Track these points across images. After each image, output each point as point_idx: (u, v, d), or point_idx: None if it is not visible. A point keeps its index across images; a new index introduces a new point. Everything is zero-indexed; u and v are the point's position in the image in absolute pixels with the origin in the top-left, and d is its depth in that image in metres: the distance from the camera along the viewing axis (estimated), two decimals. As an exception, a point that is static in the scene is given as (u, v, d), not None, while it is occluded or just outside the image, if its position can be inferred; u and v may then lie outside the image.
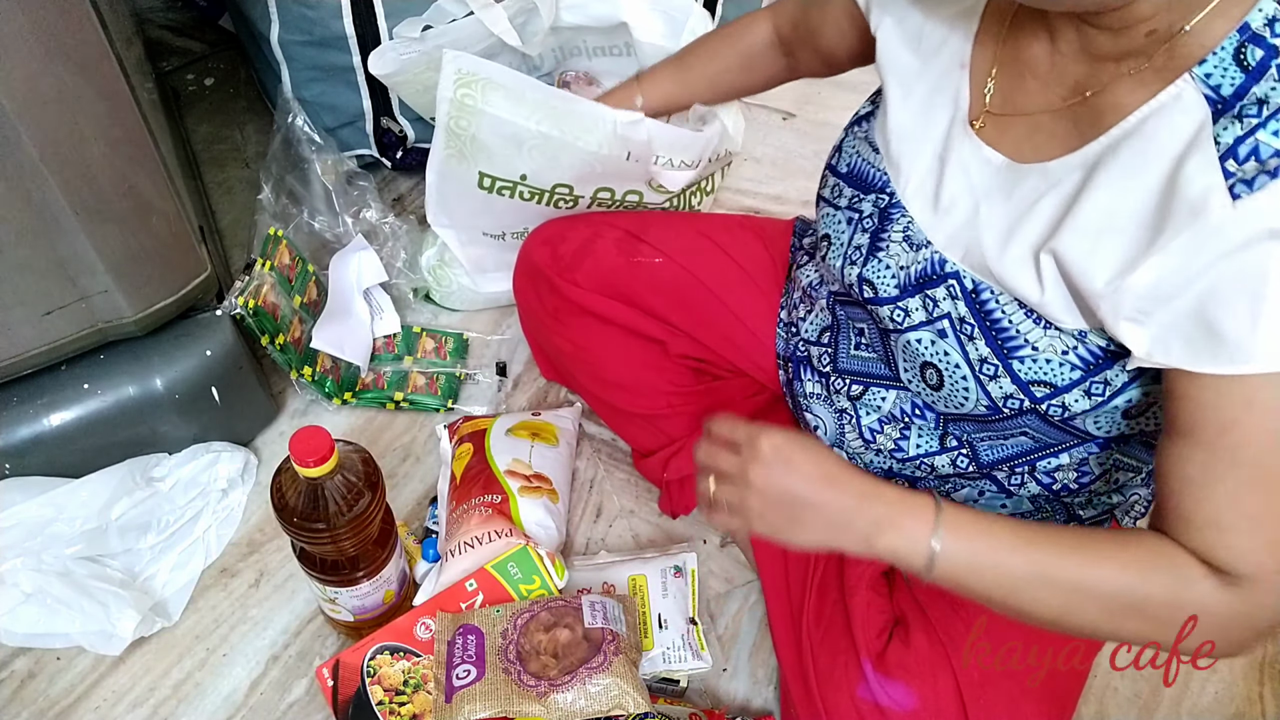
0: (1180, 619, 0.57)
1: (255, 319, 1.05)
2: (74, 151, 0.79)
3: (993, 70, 0.67)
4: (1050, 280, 0.61)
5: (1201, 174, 0.52)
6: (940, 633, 0.78)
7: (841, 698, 0.79)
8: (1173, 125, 0.55)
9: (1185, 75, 0.55)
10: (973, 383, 0.68)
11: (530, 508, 0.97)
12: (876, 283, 0.73)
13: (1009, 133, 0.66)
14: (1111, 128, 0.58)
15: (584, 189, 1.13)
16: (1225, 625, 0.56)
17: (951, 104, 0.69)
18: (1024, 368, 0.65)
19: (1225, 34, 0.53)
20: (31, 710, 0.91)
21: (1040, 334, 0.63)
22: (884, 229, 0.73)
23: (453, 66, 1.00)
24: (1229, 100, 0.53)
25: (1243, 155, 0.51)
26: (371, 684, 0.84)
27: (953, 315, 0.68)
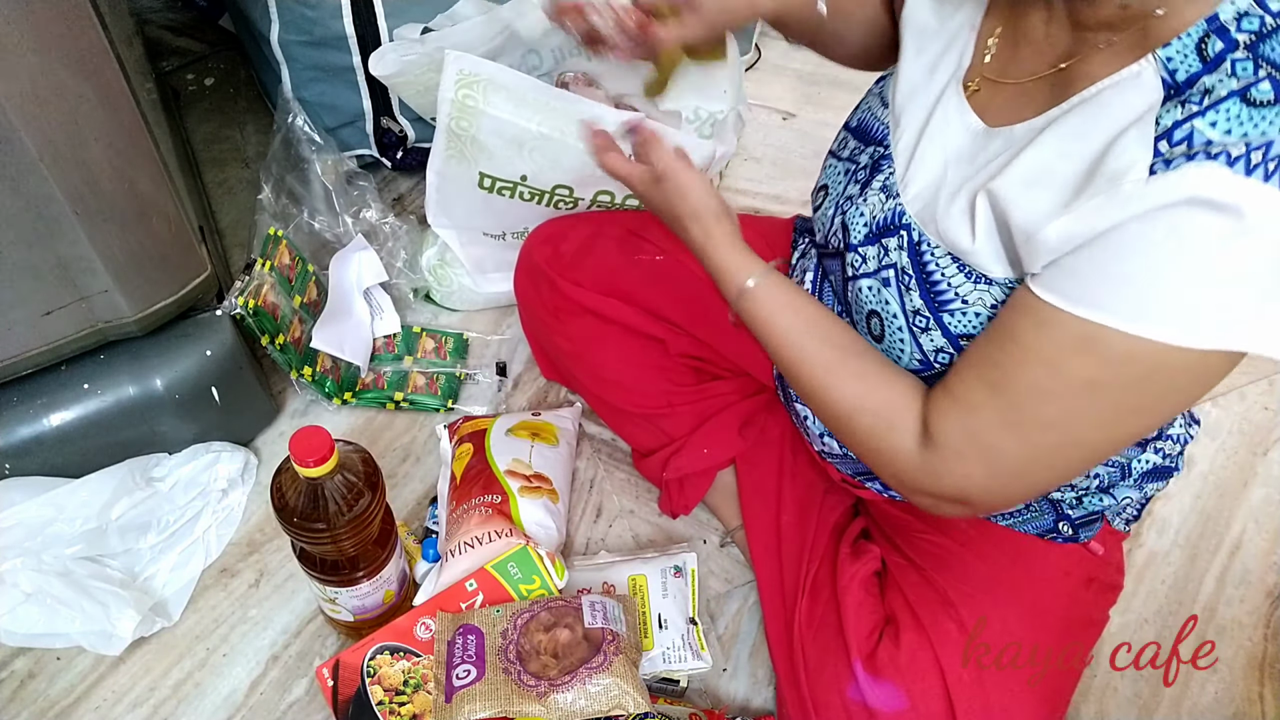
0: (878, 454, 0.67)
1: (255, 319, 1.05)
2: (74, 151, 0.79)
3: (995, 32, 0.68)
4: (982, 224, 0.62)
5: (1133, 148, 0.53)
6: (930, 633, 0.78)
7: (832, 698, 0.79)
8: (1126, 101, 0.56)
9: (1149, 55, 0.55)
10: (907, 334, 0.69)
11: (530, 508, 0.97)
12: (850, 228, 0.75)
13: (996, 98, 0.67)
14: (1074, 94, 0.59)
15: (584, 191, 1.13)
16: (904, 466, 0.65)
17: (955, 63, 0.71)
18: (954, 320, 0.66)
19: (1195, 20, 0.54)
20: (31, 710, 0.91)
21: (970, 287, 0.64)
22: (871, 180, 0.75)
23: (454, 67, 1.00)
24: (1180, 87, 0.53)
25: (1176, 138, 0.52)
26: (371, 684, 0.84)
27: (897, 265, 0.69)
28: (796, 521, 0.94)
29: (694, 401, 1.01)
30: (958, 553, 0.83)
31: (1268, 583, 1.12)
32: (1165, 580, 1.11)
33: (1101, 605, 0.84)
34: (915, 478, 0.64)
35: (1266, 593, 1.11)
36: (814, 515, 0.94)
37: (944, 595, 0.80)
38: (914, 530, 0.87)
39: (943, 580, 0.81)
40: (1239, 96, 0.51)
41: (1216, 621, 1.08)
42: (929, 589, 0.81)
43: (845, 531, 0.93)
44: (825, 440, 0.86)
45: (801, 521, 0.94)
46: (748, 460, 1.01)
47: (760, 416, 1.02)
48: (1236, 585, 1.11)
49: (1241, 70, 0.51)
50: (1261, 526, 1.17)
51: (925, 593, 0.81)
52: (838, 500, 0.96)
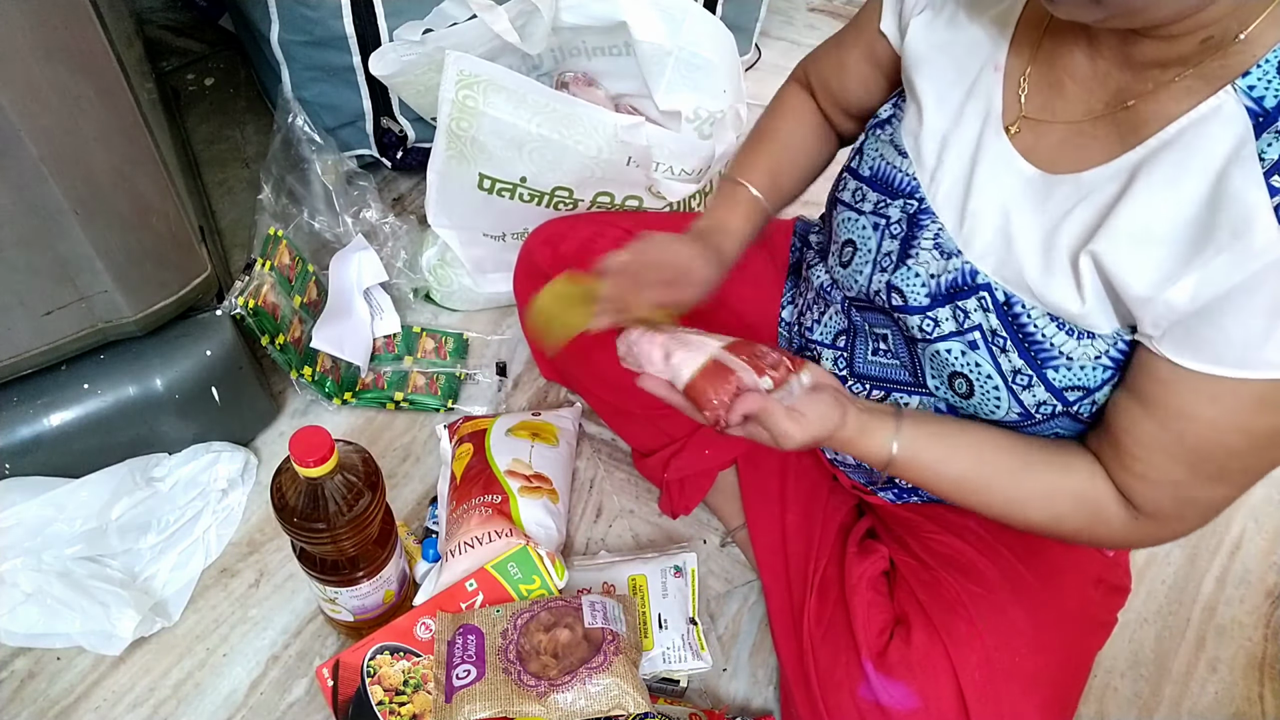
0: (1095, 538, 0.69)
1: (255, 319, 1.05)
2: (74, 151, 0.79)
3: (1026, 71, 0.66)
4: (1090, 288, 0.61)
5: (1246, 191, 0.52)
6: (941, 633, 0.78)
7: (843, 697, 0.79)
8: (1212, 136, 0.54)
9: (1228, 86, 0.54)
10: (1005, 393, 0.68)
11: (530, 508, 0.97)
12: (906, 291, 0.72)
13: (1044, 139, 0.65)
14: (1150, 137, 0.58)
15: (584, 192, 1.13)
16: (1126, 539, 0.67)
17: (984, 108, 0.68)
18: (1058, 376, 0.65)
19: (1273, 44, 0.53)
20: (31, 710, 0.91)
21: (1074, 345, 0.63)
22: (914, 235, 0.72)
23: (455, 68, 1.00)
24: (1271, 113, 0.52)
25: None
26: (371, 684, 0.84)
27: (984, 327, 0.67)
28: (801, 520, 0.94)
29: (694, 401, 1.01)
30: (968, 553, 0.82)
31: (1268, 583, 1.12)
32: (1165, 580, 1.11)
33: (1109, 607, 0.84)
34: (1134, 542, 0.67)
35: (1266, 593, 1.11)
36: (819, 514, 0.94)
37: (955, 595, 0.80)
38: (923, 530, 0.87)
39: (953, 580, 0.81)
40: None
41: (1216, 621, 1.08)
42: (939, 588, 0.81)
43: (851, 530, 0.92)
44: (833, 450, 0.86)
45: (807, 520, 0.94)
46: (750, 460, 1.01)
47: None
48: (1236, 585, 1.11)
49: None
50: (1261, 526, 1.17)
51: (936, 592, 0.81)
52: (843, 499, 0.96)
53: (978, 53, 0.69)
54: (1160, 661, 1.03)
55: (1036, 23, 0.66)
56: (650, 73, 1.17)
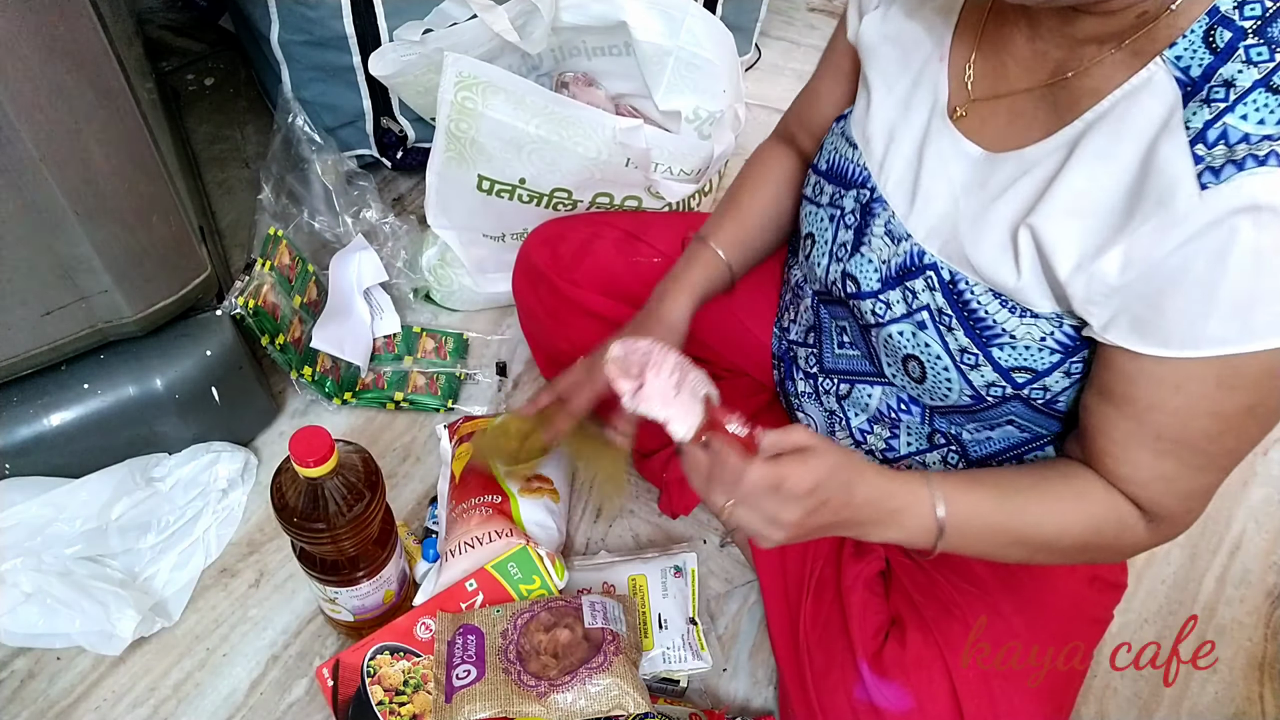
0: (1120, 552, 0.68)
1: (255, 319, 1.05)
2: (74, 151, 0.79)
3: (971, 57, 0.67)
4: (1027, 261, 0.61)
5: (1173, 159, 0.53)
6: (936, 633, 0.78)
7: (838, 698, 0.79)
8: (1144, 108, 0.55)
9: (1157, 58, 0.55)
10: (954, 373, 0.69)
11: (530, 508, 0.97)
12: (859, 277, 0.74)
13: (990, 121, 0.66)
14: (1086, 111, 0.59)
15: (583, 194, 1.13)
16: (1150, 544, 0.67)
17: (930, 96, 0.70)
18: (1004, 355, 0.65)
19: (1198, 15, 0.54)
20: (31, 710, 0.91)
21: (1017, 322, 0.64)
22: (866, 224, 0.74)
23: (454, 69, 1.00)
24: (1197, 82, 0.53)
25: (1211, 139, 0.52)
26: (371, 684, 0.84)
27: (931, 307, 0.68)
28: None
29: (694, 402, 1.01)
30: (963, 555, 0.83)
31: (1268, 583, 1.12)
32: (1165, 580, 1.11)
33: (1105, 604, 0.84)
34: (1155, 545, 0.67)
35: (1266, 593, 1.11)
36: None
37: (948, 595, 0.80)
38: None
39: (947, 580, 0.81)
40: (1263, 86, 0.51)
41: (1216, 621, 1.08)
42: (934, 588, 0.81)
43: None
44: None
45: None
46: (748, 460, 1.01)
47: (761, 417, 1.02)
48: (1236, 585, 1.11)
49: (1257, 55, 0.52)
50: (1261, 526, 1.17)
51: (930, 592, 0.81)
52: None
53: (924, 43, 0.71)
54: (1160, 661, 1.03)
55: (979, 9, 0.68)
56: (650, 73, 1.17)
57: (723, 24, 1.18)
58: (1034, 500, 0.65)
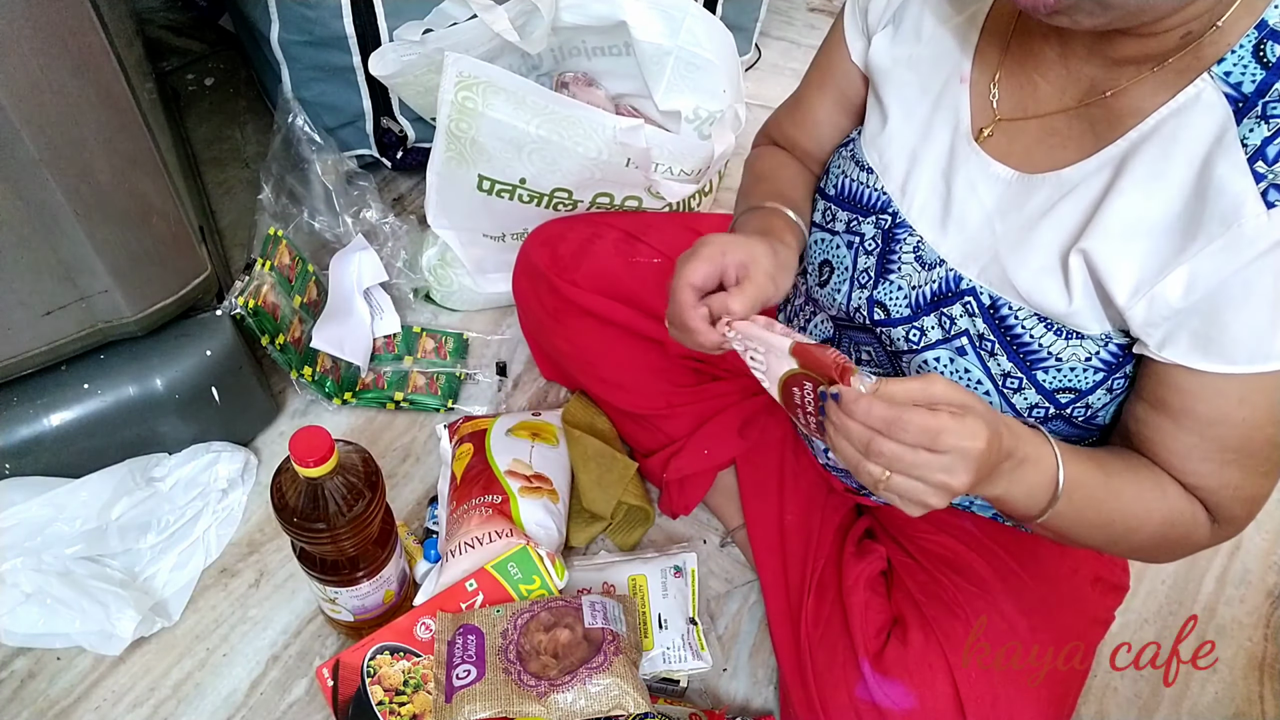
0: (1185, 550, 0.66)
1: (255, 319, 1.05)
2: (74, 151, 0.79)
3: (996, 76, 0.66)
4: (1079, 286, 0.60)
5: (1231, 178, 0.52)
6: (938, 633, 0.78)
7: (839, 697, 0.79)
8: (1194, 125, 0.54)
9: (1204, 74, 0.54)
10: (996, 397, 0.68)
11: (530, 508, 0.97)
12: (889, 304, 0.72)
13: (1019, 141, 0.65)
14: (1130, 130, 0.58)
15: (583, 194, 1.13)
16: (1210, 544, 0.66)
17: (952, 119, 0.68)
18: (1048, 378, 0.65)
19: (1244, 31, 0.53)
20: (31, 710, 0.91)
21: (1063, 345, 0.63)
22: (891, 250, 0.72)
23: (454, 69, 1.00)
24: (1250, 98, 0.53)
25: (1272, 156, 0.51)
26: (371, 684, 0.84)
27: (971, 332, 0.67)
28: (800, 521, 0.94)
29: (693, 402, 1.01)
30: (963, 553, 0.83)
31: (1268, 583, 1.12)
32: (1165, 580, 1.11)
33: (1107, 605, 0.84)
34: (1212, 544, 0.66)
35: (1266, 593, 1.11)
36: (817, 514, 0.94)
37: (950, 595, 0.80)
38: (919, 530, 0.87)
39: (949, 580, 0.81)
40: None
41: (1216, 621, 1.08)
42: (936, 589, 0.81)
43: (849, 531, 0.93)
44: (830, 455, 0.86)
45: (805, 521, 0.94)
46: (748, 461, 1.01)
47: (760, 417, 1.02)
48: (1236, 585, 1.11)
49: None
50: (1261, 526, 1.17)
51: (932, 592, 0.81)
52: (841, 500, 0.96)
53: (942, 65, 0.69)
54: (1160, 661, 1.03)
55: (1002, 28, 0.66)
56: (650, 73, 1.17)
57: (723, 24, 1.18)
58: (1129, 482, 0.62)
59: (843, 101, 0.81)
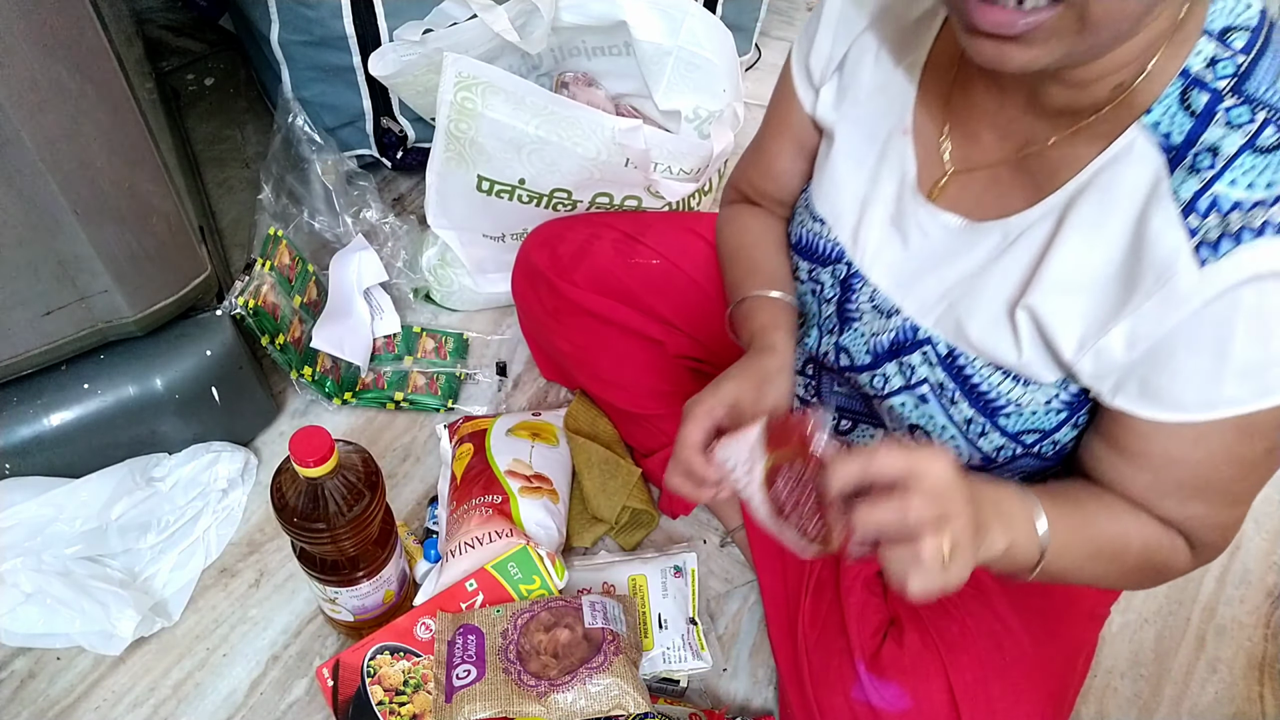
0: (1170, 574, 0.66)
1: (255, 319, 1.05)
2: (74, 151, 0.79)
3: (945, 128, 0.66)
4: (1027, 338, 0.61)
5: (1165, 232, 0.52)
6: (934, 634, 0.78)
7: (836, 698, 0.79)
8: (1128, 177, 0.55)
9: (1135, 125, 0.54)
10: (962, 441, 0.68)
11: (531, 508, 0.97)
12: (852, 351, 0.73)
13: (968, 190, 0.65)
14: (1068, 181, 0.58)
15: (583, 194, 1.13)
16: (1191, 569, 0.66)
17: (898, 170, 0.68)
18: (1010, 422, 0.65)
19: (1172, 76, 0.53)
20: (31, 710, 0.91)
21: (1021, 390, 0.63)
22: (848, 299, 0.73)
23: (453, 70, 1.00)
24: (1180, 148, 0.53)
25: (1203, 209, 0.51)
26: (371, 684, 0.84)
27: (931, 380, 0.67)
28: None
29: (693, 402, 1.01)
30: None
31: (1268, 583, 1.12)
32: (1165, 580, 1.11)
33: (1104, 600, 0.84)
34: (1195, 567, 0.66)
35: (1266, 593, 1.11)
36: None
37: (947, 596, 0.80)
38: None
39: None
40: (1250, 149, 0.50)
41: (1216, 621, 1.08)
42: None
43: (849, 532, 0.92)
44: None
45: None
46: (747, 460, 1.01)
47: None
48: (1236, 585, 1.11)
49: (1238, 118, 0.51)
50: (1261, 526, 1.17)
51: None
52: None
53: (885, 116, 0.69)
54: (1160, 661, 1.03)
55: (941, 78, 0.66)
56: (650, 72, 1.17)
57: (722, 24, 1.18)
58: (1102, 508, 0.62)
59: (802, 150, 0.80)
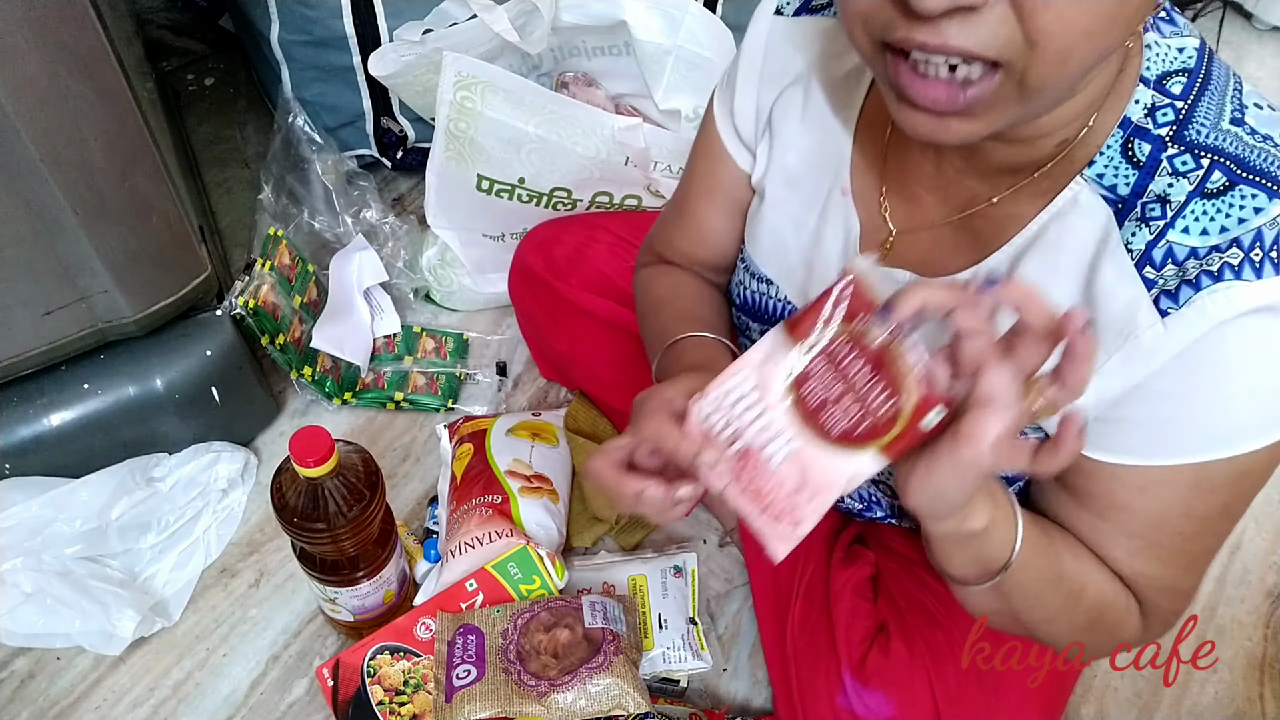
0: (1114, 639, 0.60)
1: (255, 319, 1.05)
2: (74, 151, 0.79)
3: (883, 190, 0.64)
4: None
5: (1119, 285, 0.51)
6: (920, 641, 0.77)
7: (821, 705, 0.78)
8: (1075, 230, 0.53)
9: (1077, 177, 0.53)
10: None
11: (531, 508, 0.97)
12: None
13: (915, 247, 0.63)
14: (1014, 236, 0.56)
15: (582, 193, 1.13)
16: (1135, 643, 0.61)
17: (842, 230, 0.65)
18: None
19: (1111, 127, 0.52)
20: (31, 710, 0.91)
21: None
22: None
23: (453, 69, 1.00)
24: (1128, 200, 0.52)
25: (1159, 260, 0.50)
26: (371, 684, 0.84)
27: None
28: None
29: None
30: None
31: (1268, 583, 1.12)
32: (1165, 580, 1.11)
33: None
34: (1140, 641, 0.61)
35: (1266, 593, 1.11)
36: None
37: (934, 603, 0.79)
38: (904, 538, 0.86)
39: (933, 588, 0.80)
40: (1198, 195, 0.50)
41: (1216, 621, 1.08)
42: (920, 595, 0.81)
43: (840, 536, 0.92)
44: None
45: None
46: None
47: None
48: (1236, 585, 1.11)
49: (1183, 165, 0.50)
50: (1261, 526, 1.17)
51: (915, 599, 0.80)
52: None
53: (822, 175, 0.66)
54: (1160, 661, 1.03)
55: (875, 137, 0.64)
56: (650, 72, 1.17)
57: (722, 23, 1.18)
58: (1065, 547, 0.58)
59: (736, 207, 0.76)
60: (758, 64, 0.68)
